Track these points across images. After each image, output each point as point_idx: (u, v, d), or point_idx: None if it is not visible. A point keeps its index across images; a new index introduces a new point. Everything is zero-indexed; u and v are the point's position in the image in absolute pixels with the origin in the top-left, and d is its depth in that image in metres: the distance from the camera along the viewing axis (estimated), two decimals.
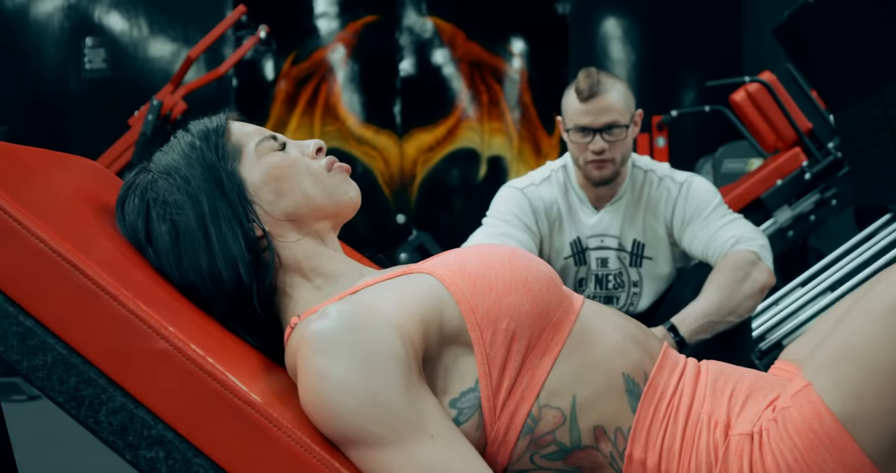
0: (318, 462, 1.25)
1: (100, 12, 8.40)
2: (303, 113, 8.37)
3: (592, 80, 2.90)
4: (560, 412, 1.33)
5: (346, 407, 1.24)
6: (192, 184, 1.43)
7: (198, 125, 1.51)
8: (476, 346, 1.32)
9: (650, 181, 3.06)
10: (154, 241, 1.42)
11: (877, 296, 1.30)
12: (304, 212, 1.46)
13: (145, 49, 8.37)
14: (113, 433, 1.26)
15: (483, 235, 2.97)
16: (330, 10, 8.45)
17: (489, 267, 1.38)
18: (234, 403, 1.25)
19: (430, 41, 8.42)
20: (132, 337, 1.25)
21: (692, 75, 8.17)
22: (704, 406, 1.37)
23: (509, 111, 8.37)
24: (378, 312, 1.29)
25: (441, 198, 8.37)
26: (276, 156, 1.47)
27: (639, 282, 3.10)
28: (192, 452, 1.26)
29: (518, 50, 8.43)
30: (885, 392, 1.24)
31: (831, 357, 1.31)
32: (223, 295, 1.41)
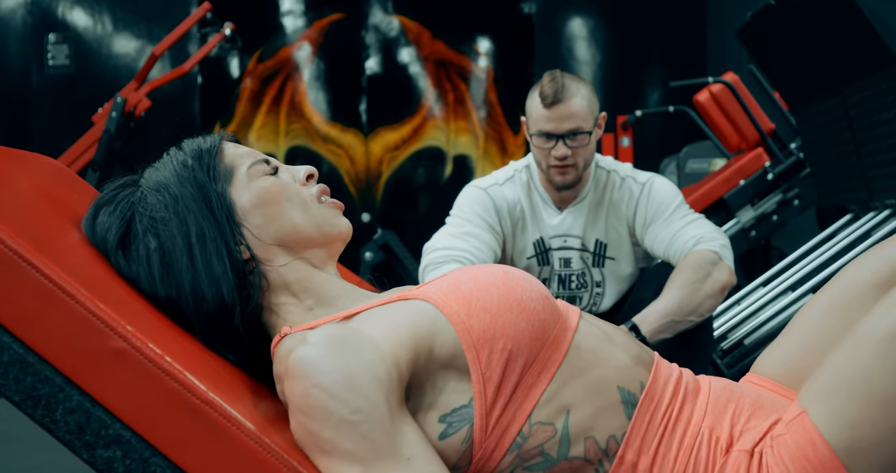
0: (278, 462, 1.25)
1: (63, 8, 8.33)
2: (268, 111, 8.34)
3: (556, 86, 2.89)
4: (552, 427, 1.33)
5: (326, 425, 1.23)
6: (180, 203, 1.41)
7: (191, 144, 1.50)
8: (472, 366, 1.32)
9: (613, 181, 3.07)
10: (131, 253, 1.41)
11: (873, 324, 1.30)
12: (292, 239, 1.45)
13: (109, 45, 8.31)
14: (69, 432, 1.25)
15: (446, 235, 2.97)
16: (296, 8, 8.43)
17: (483, 288, 1.38)
18: (193, 402, 1.25)
19: (396, 40, 8.41)
20: (89, 336, 1.25)
21: (656, 75, 8.21)
22: (706, 421, 1.38)
23: (475, 110, 8.38)
24: (364, 336, 1.29)
25: (406, 196, 8.37)
26: (266, 180, 1.46)
27: (601, 283, 3.11)
28: (150, 451, 1.25)
29: (484, 49, 8.43)
30: (880, 421, 1.24)
31: (826, 384, 1.31)
32: (204, 314, 1.40)
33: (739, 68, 5.76)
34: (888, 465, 1.24)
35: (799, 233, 5.00)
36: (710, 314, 2.75)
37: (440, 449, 1.31)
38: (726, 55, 7.54)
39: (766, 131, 5.08)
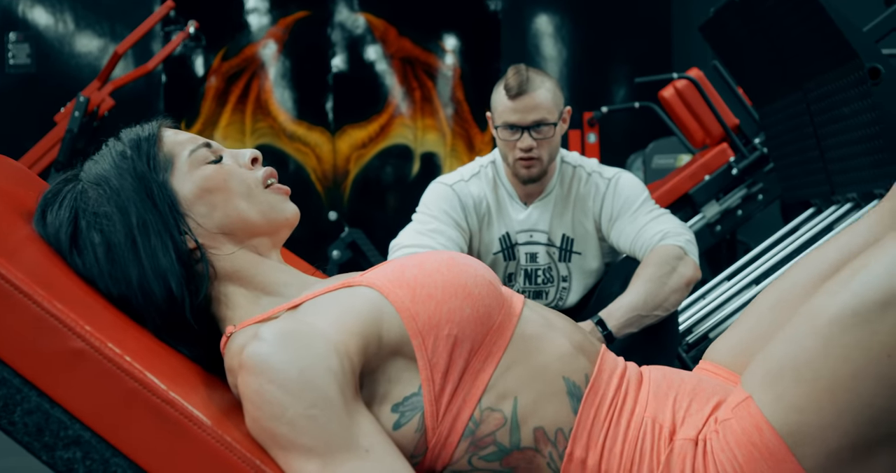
0: (240, 461, 1.25)
1: (24, 6, 8.28)
2: (234, 109, 8.32)
3: (521, 78, 2.92)
4: (501, 414, 1.33)
5: (281, 421, 1.23)
6: (121, 196, 1.40)
7: (129, 133, 1.48)
8: (418, 353, 1.32)
9: (579, 177, 3.08)
10: (83, 251, 1.40)
11: (819, 308, 1.30)
12: (237, 227, 1.44)
13: (71, 44, 8.27)
14: (28, 434, 1.25)
15: (412, 231, 2.97)
16: (260, 6, 8.41)
17: (428, 274, 1.38)
18: (153, 401, 1.24)
19: (362, 37, 8.41)
20: (47, 337, 1.24)
21: (622, 72, 8.25)
22: (648, 410, 1.38)
23: (442, 107, 8.39)
24: (315, 328, 1.29)
25: (374, 194, 8.37)
26: (208, 168, 1.44)
27: (568, 277, 3.12)
28: (111, 452, 1.25)
29: (450, 46, 8.44)
30: (826, 405, 1.24)
31: (771, 369, 1.31)
32: (154, 308, 1.38)
33: (704, 64, 5.79)
34: (833, 449, 1.24)
35: (764, 227, 5.04)
36: (676, 308, 2.77)
37: (395, 440, 1.31)
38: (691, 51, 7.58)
39: (731, 126, 5.11)
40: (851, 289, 1.25)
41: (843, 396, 1.23)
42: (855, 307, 1.23)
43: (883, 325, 1.21)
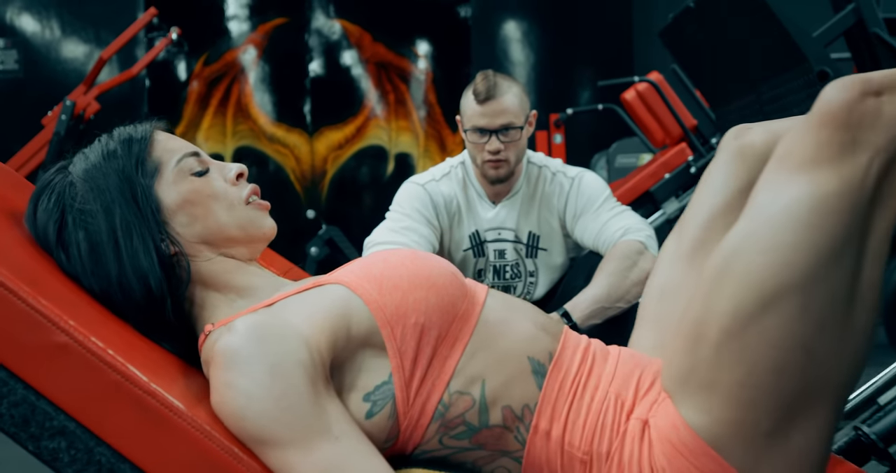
0: (218, 449, 1.25)
1: (11, 14, 8.24)
2: (215, 112, 8.30)
3: (489, 83, 2.93)
4: (471, 397, 1.34)
5: (250, 411, 1.23)
6: (107, 195, 1.38)
7: (123, 132, 1.46)
8: (387, 342, 1.32)
9: (544, 176, 3.09)
10: (68, 247, 1.39)
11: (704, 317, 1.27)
12: (216, 237, 1.43)
13: (58, 50, 8.23)
14: (14, 425, 1.25)
15: (386, 229, 2.97)
16: (240, 13, 8.39)
17: (393, 268, 1.38)
18: (135, 393, 1.24)
19: (338, 43, 8.40)
20: (32, 331, 1.24)
21: (586, 75, 8.26)
22: (613, 386, 1.38)
23: (415, 110, 8.39)
24: (286, 323, 1.29)
25: (350, 193, 8.36)
26: (194, 181, 1.43)
27: (534, 272, 3.12)
28: (95, 441, 1.25)
29: (423, 51, 8.44)
30: (731, 405, 1.24)
31: (675, 375, 1.31)
32: (134, 306, 1.38)
33: (664, 68, 5.81)
34: (749, 440, 1.24)
35: None
36: (637, 300, 2.78)
37: (368, 428, 1.32)
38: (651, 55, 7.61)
39: (689, 127, 5.14)
40: (727, 296, 1.24)
41: (744, 394, 1.23)
42: (735, 314, 1.23)
43: (767, 323, 1.21)
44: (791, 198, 1.22)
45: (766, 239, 1.22)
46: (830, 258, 1.20)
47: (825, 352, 1.22)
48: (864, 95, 1.21)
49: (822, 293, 1.20)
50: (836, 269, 1.21)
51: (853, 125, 1.21)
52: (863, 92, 1.21)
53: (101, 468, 1.24)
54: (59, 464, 1.25)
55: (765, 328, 1.21)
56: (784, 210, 1.22)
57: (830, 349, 1.22)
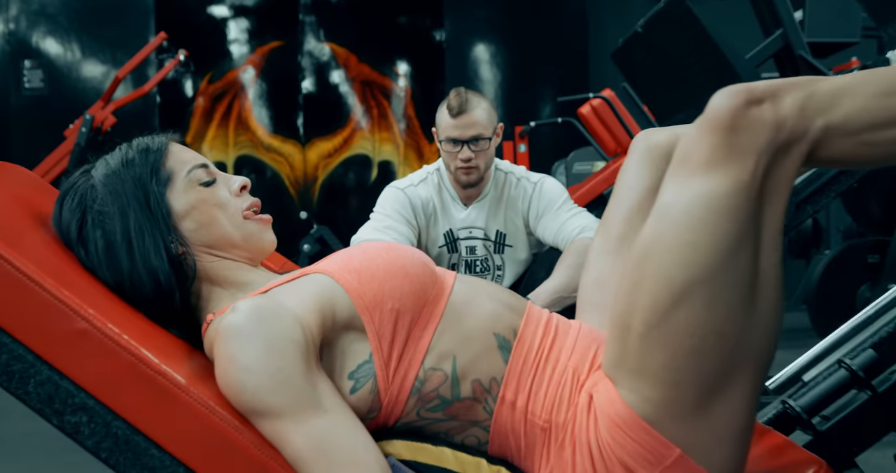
0: (221, 422, 1.25)
1: (37, 37, 8.19)
2: (218, 125, 8.27)
3: (461, 99, 2.94)
4: (443, 373, 1.33)
5: (249, 384, 1.23)
6: (123, 199, 1.38)
7: (142, 143, 1.44)
8: (367, 326, 1.32)
9: (510, 181, 3.10)
10: (87, 244, 1.38)
11: (629, 311, 1.26)
12: (220, 243, 1.42)
13: (79, 70, 8.19)
14: (41, 401, 1.24)
15: (370, 228, 2.98)
16: (241, 37, 8.36)
17: (371, 260, 1.37)
18: (147, 373, 1.24)
19: (327, 63, 8.39)
20: (56, 319, 1.24)
21: (547, 92, 8.27)
22: (572, 360, 1.37)
23: (396, 123, 8.39)
24: (281, 305, 1.28)
25: (339, 197, 8.35)
26: (202, 191, 1.42)
27: (501, 266, 3.13)
28: (111, 416, 1.24)
29: (403, 71, 8.44)
30: (658, 385, 1.24)
31: (609, 361, 1.30)
32: (144, 299, 1.37)
33: (615, 86, 5.83)
34: (678, 414, 1.23)
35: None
36: None
37: (354, 403, 1.31)
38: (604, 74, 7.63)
39: None
40: (644, 292, 1.23)
41: (668, 376, 1.23)
42: (653, 308, 1.22)
43: (681, 313, 1.20)
44: (689, 199, 1.21)
45: (671, 239, 1.21)
46: (730, 251, 1.20)
47: (736, 334, 1.21)
48: (748, 103, 1.20)
49: (727, 283, 1.20)
50: (736, 261, 1.20)
51: (738, 129, 1.20)
52: (747, 100, 1.20)
53: (117, 440, 1.24)
54: (80, 436, 1.25)
55: (680, 318, 1.21)
56: (684, 211, 1.21)
57: (741, 331, 1.22)
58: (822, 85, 1.24)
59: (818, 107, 1.22)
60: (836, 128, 1.22)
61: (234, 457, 1.24)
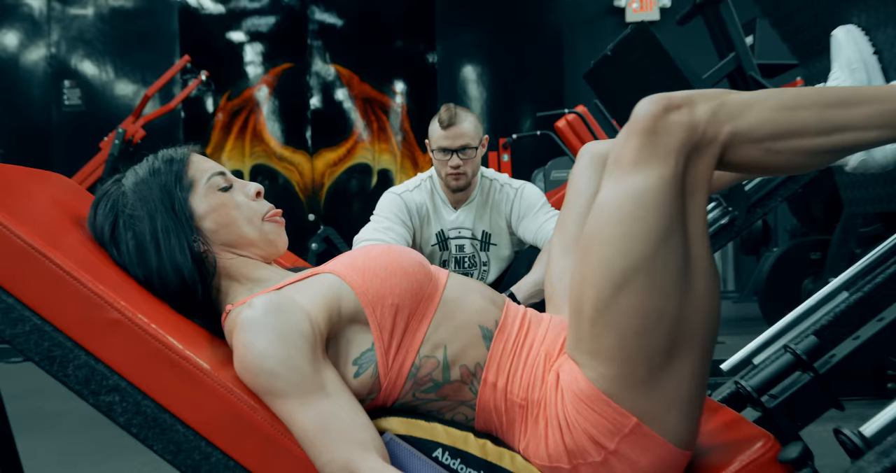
0: (238, 401, 1.25)
1: (76, 60, 8.18)
2: (236, 137, 8.26)
3: (451, 113, 2.95)
4: (436, 360, 1.33)
5: (263, 369, 1.23)
6: (150, 204, 1.37)
7: (166, 154, 1.44)
8: (370, 318, 1.32)
9: (494, 187, 3.10)
10: (118, 244, 1.38)
11: (580, 297, 1.26)
12: (237, 242, 1.42)
13: (112, 89, 8.17)
14: (79, 383, 1.25)
15: (371, 229, 2.98)
16: (255, 59, 8.35)
17: (373, 260, 1.37)
18: (173, 358, 1.24)
19: (332, 83, 8.38)
20: (91, 310, 1.24)
21: (528, 108, 8.28)
22: (544, 346, 1.37)
23: (393, 135, 8.38)
24: (293, 301, 1.28)
25: (343, 201, 8.34)
26: (221, 196, 1.42)
27: (487, 262, 3.14)
28: (141, 396, 1.25)
29: (399, 89, 8.43)
30: (611, 363, 1.24)
31: (570, 343, 1.31)
32: (170, 292, 1.37)
33: (588, 102, 5.84)
34: (633, 385, 1.23)
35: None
36: None
37: (356, 385, 1.31)
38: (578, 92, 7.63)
39: None
40: (590, 282, 1.24)
41: (618, 354, 1.23)
42: (599, 295, 1.22)
43: (623, 299, 1.21)
44: (621, 196, 1.21)
45: (608, 232, 1.22)
46: (661, 240, 1.20)
47: (676, 315, 1.22)
48: (666, 109, 1.20)
49: (661, 269, 1.20)
50: (667, 249, 1.20)
51: (658, 132, 1.20)
52: (666, 106, 1.20)
53: (146, 417, 1.24)
54: (113, 414, 1.25)
55: (623, 303, 1.21)
56: (617, 207, 1.21)
57: (680, 311, 1.22)
58: (733, 96, 1.25)
59: (728, 115, 1.22)
60: (742, 134, 1.22)
61: (249, 432, 1.24)
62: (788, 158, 1.25)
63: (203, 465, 1.25)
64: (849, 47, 1.64)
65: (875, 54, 1.61)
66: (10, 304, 1.24)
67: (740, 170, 1.27)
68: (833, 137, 1.24)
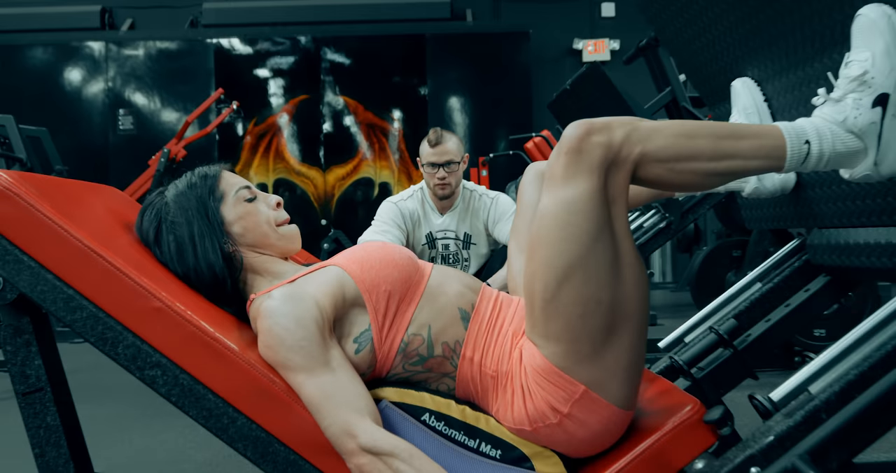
0: (260, 375, 1.24)
1: (129, 92, 8.14)
2: (261, 156, 8.24)
3: (438, 135, 2.96)
4: (421, 337, 1.33)
5: (281, 348, 1.23)
6: (189, 213, 1.37)
7: (201, 171, 1.44)
8: (367, 303, 1.32)
9: (474, 197, 3.10)
10: (161, 245, 1.38)
11: (530, 289, 1.25)
12: (260, 243, 1.41)
13: (159, 116, 8.14)
14: (127, 360, 1.24)
15: (372, 231, 2.98)
16: (277, 91, 8.33)
17: (370, 254, 1.37)
18: (206, 339, 1.24)
19: (341, 111, 8.36)
20: (138, 299, 1.23)
21: (502, 132, 8.28)
22: (511, 326, 1.36)
23: (392, 154, 8.37)
24: (305, 292, 1.28)
25: (350, 208, 8.33)
26: (247, 206, 1.41)
27: (468, 259, 3.14)
28: (179, 371, 1.24)
29: (397, 117, 8.42)
30: (559, 342, 1.23)
31: (527, 326, 1.30)
32: (204, 285, 1.37)
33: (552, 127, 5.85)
34: (581, 358, 1.23)
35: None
36: None
37: (357, 360, 1.31)
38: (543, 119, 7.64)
39: None
40: (537, 278, 1.23)
41: (565, 335, 1.23)
42: (545, 289, 1.22)
43: (565, 291, 1.21)
44: (555, 205, 1.21)
45: (547, 236, 1.21)
46: (592, 241, 1.20)
47: (611, 300, 1.21)
48: (588, 132, 1.20)
49: (595, 264, 1.20)
50: (598, 247, 1.20)
51: (582, 151, 1.20)
52: (587, 130, 1.20)
53: (183, 388, 1.24)
54: (156, 386, 1.24)
55: (566, 294, 1.21)
56: (553, 214, 1.21)
57: (614, 297, 1.22)
58: (644, 123, 1.25)
59: (638, 138, 1.22)
60: (650, 154, 1.22)
61: (268, 400, 1.24)
62: (688, 178, 1.24)
63: (230, 427, 1.24)
64: (745, 95, 1.65)
65: (766, 101, 1.63)
66: (70, 295, 1.23)
67: (652, 185, 1.26)
68: (723, 163, 1.24)
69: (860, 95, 1.22)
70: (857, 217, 1.40)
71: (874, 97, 1.21)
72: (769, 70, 1.57)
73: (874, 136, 1.22)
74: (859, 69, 1.22)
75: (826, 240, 1.64)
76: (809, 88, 1.45)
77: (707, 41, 1.72)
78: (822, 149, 1.23)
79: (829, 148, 1.23)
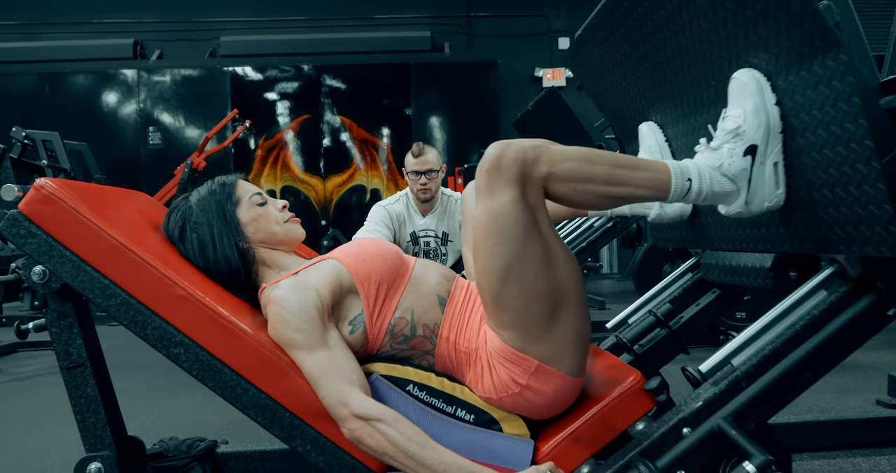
0: (269, 352, 1.24)
1: (157, 112, 8.05)
2: (270, 167, 8.18)
3: (420, 147, 2.96)
4: (406, 320, 1.32)
5: (287, 329, 1.22)
6: (209, 215, 1.36)
7: (220, 179, 1.43)
8: (360, 291, 1.31)
9: (451, 201, 3.10)
10: (185, 242, 1.36)
11: (481, 284, 1.22)
12: (271, 240, 1.40)
13: (183, 132, 8.05)
14: (155, 340, 1.23)
15: (364, 231, 2.97)
16: (284, 111, 8.27)
17: (363, 249, 1.36)
18: (222, 322, 1.23)
19: (338, 129, 8.32)
20: (164, 288, 1.22)
21: (475, 146, 8.28)
22: (480, 310, 1.36)
23: (381, 165, 8.34)
24: (308, 282, 1.28)
25: (346, 211, 8.29)
26: (258, 209, 1.40)
27: (446, 254, 3.13)
28: (199, 349, 1.23)
29: (385, 133, 8.39)
30: (512, 328, 1.23)
31: (486, 313, 1.28)
32: (222, 277, 1.36)
33: None
34: (533, 338, 1.22)
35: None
36: None
37: (351, 340, 1.31)
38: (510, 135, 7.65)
39: None
40: (482, 278, 1.22)
41: (515, 322, 1.22)
42: (491, 286, 1.20)
43: (508, 287, 1.19)
44: (484, 216, 1.19)
45: (482, 243, 1.20)
46: (521, 243, 1.18)
47: (549, 288, 1.20)
48: (503, 152, 1.18)
49: (528, 262, 1.19)
50: (529, 247, 1.19)
51: (500, 168, 1.17)
52: (502, 150, 1.18)
53: (203, 364, 1.23)
54: (179, 361, 1.23)
55: (509, 290, 1.20)
56: (483, 224, 1.19)
57: (551, 285, 1.21)
58: (555, 147, 1.22)
59: (547, 159, 1.18)
60: (556, 175, 1.19)
61: (276, 373, 1.24)
62: (589, 198, 1.21)
63: (243, 396, 1.24)
64: (649, 137, 1.65)
65: (667, 142, 1.64)
66: (106, 285, 1.22)
67: (561, 202, 1.23)
68: (617, 188, 1.21)
69: (734, 145, 1.20)
70: (739, 243, 1.41)
71: (745, 147, 1.19)
72: (669, 116, 1.58)
73: (745, 180, 1.21)
74: (733, 124, 1.20)
75: (715, 261, 1.66)
76: (700, 134, 1.47)
77: (620, 89, 1.73)
78: (701, 187, 1.22)
79: (708, 187, 1.22)
